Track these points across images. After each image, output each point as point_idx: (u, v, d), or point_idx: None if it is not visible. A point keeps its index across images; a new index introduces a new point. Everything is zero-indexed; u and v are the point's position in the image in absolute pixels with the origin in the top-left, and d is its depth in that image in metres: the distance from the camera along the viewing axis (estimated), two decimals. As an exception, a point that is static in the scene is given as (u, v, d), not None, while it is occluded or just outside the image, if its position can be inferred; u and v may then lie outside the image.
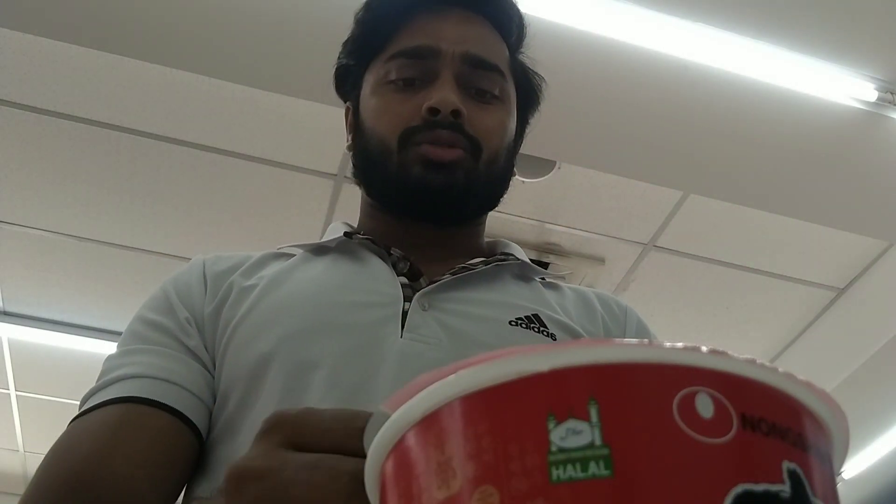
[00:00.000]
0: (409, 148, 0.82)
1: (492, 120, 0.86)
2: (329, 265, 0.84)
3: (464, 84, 0.85)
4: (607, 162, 2.32)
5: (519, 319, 0.77)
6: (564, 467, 0.23)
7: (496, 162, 0.87)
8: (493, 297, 0.81)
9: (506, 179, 0.92)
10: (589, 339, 0.77)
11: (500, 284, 0.84)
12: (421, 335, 0.73)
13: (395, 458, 0.28)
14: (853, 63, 2.05)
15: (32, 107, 2.34)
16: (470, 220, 0.91)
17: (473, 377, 0.26)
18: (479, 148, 0.84)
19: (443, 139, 0.81)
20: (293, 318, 0.74)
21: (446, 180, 0.81)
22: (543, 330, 0.77)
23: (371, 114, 0.87)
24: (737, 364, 0.25)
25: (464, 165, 0.82)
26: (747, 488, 0.23)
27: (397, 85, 0.85)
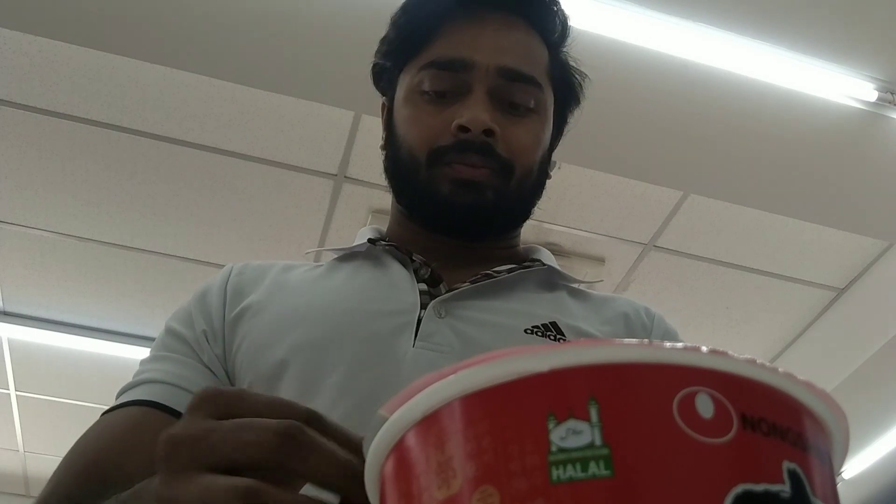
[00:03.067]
0: (439, 167, 0.81)
1: (526, 135, 0.84)
2: (350, 274, 0.84)
3: (498, 97, 0.83)
4: (607, 162, 2.32)
5: (535, 328, 0.76)
6: (564, 467, 0.23)
7: (529, 178, 0.85)
8: (512, 305, 0.80)
9: (539, 190, 0.90)
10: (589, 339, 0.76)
11: (521, 292, 0.83)
12: (434, 343, 0.73)
13: (396, 458, 0.28)
14: (853, 63, 2.05)
15: (32, 107, 2.34)
16: (500, 236, 0.90)
17: (473, 377, 0.26)
18: (511, 169, 0.82)
19: (472, 163, 0.80)
20: (308, 326, 0.75)
21: (475, 199, 0.80)
22: (560, 338, 0.76)
23: (402, 122, 0.86)
24: (737, 364, 0.25)
25: (493, 185, 0.81)
26: (747, 488, 0.23)
27: (430, 96, 0.84)
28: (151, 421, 0.70)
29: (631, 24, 1.96)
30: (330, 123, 2.31)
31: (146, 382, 0.74)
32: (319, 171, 2.47)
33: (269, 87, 2.12)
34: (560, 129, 0.97)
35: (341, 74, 2.03)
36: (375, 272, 0.83)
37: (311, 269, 0.87)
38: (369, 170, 2.48)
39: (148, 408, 0.71)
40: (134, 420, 0.70)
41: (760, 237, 2.67)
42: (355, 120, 2.30)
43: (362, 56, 2.08)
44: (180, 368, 0.75)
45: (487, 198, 0.80)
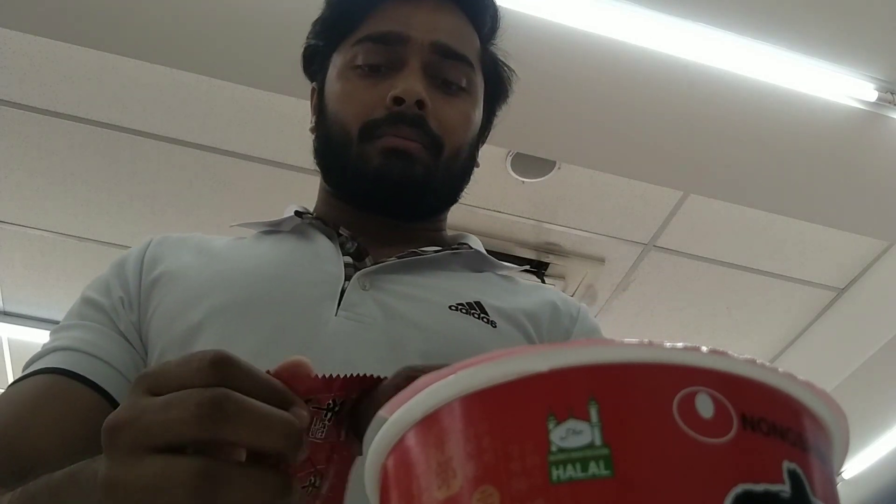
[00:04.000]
0: (371, 140, 0.80)
1: (456, 113, 0.85)
2: (274, 244, 0.83)
3: (431, 73, 0.84)
4: (607, 162, 2.32)
5: (460, 305, 0.76)
6: (564, 467, 0.23)
7: (458, 158, 0.85)
8: (436, 282, 0.79)
9: (467, 174, 0.90)
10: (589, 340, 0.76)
11: (447, 272, 0.83)
12: (356, 314, 0.72)
13: (396, 458, 0.28)
14: (853, 63, 2.05)
15: (32, 107, 2.34)
16: (427, 216, 0.89)
17: (473, 377, 0.26)
18: (441, 145, 0.82)
19: (404, 135, 0.80)
20: (227, 289, 0.74)
21: (405, 170, 0.80)
22: (484, 317, 0.76)
23: (334, 98, 0.85)
24: (737, 364, 0.25)
25: (423, 160, 0.81)
26: (747, 488, 0.23)
27: (363, 70, 0.84)
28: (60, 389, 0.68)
29: (631, 24, 1.96)
30: (330, 123, 2.31)
31: (55, 350, 0.73)
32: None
33: (269, 87, 2.11)
34: (489, 120, 0.97)
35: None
36: (300, 244, 0.83)
37: (235, 240, 0.87)
38: (369, 170, 2.48)
39: (57, 375, 0.69)
40: (41, 389, 0.68)
41: (760, 237, 2.67)
42: (355, 120, 2.30)
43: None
44: (92, 336, 0.73)
45: (416, 172, 0.80)
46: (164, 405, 0.38)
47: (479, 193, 2.55)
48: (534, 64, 2.02)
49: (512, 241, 2.72)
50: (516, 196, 2.55)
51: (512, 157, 2.41)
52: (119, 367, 0.71)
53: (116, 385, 0.70)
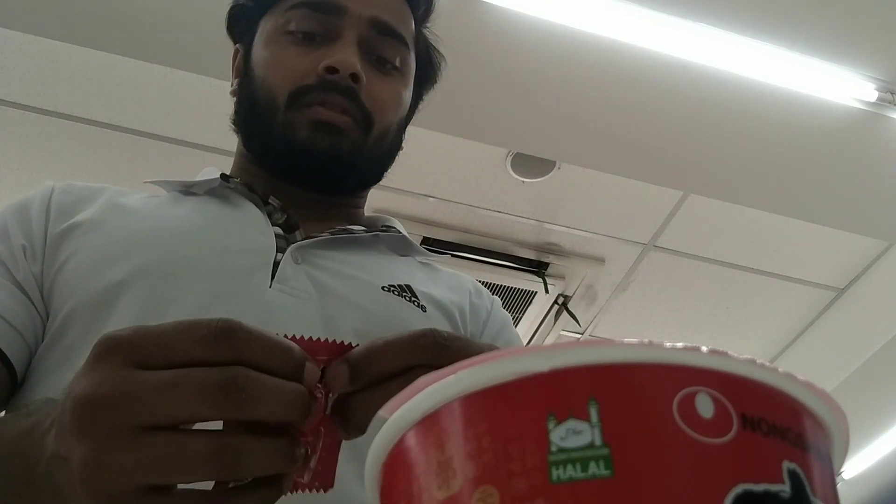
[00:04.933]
0: (299, 108, 0.78)
1: (388, 92, 0.83)
2: (198, 205, 0.80)
3: (366, 49, 0.82)
4: (607, 162, 2.32)
5: (392, 287, 0.75)
6: (564, 467, 0.23)
7: (386, 137, 0.84)
8: (368, 262, 0.78)
9: (393, 154, 0.89)
10: (589, 340, 0.76)
11: (377, 253, 0.82)
12: (291, 287, 0.70)
13: (396, 458, 0.28)
14: (853, 63, 2.05)
15: (32, 107, 2.34)
16: (350, 193, 0.87)
17: (473, 377, 0.26)
18: (371, 122, 0.81)
19: (336, 103, 0.78)
20: (154, 249, 0.70)
21: (332, 145, 0.78)
22: (415, 300, 0.75)
23: (263, 63, 0.83)
24: (737, 364, 0.25)
25: (352, 136, 0.79)
26: (747, 488, 0.23)
27: (296, 37, 0.82)
28: None
29: (631, 24, 1.96)
30: (330, 123, 2.31)
31: None
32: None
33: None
34: (416, 103, 0.96)
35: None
36: (226, 208, 0.79)
37: (151, 197, 0.82)
38: (369, 170, 2.48)
39: None
40: None
41: (760, 237, 2.67)
42: (355, 120, 2.30)
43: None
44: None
45: (345, 147, 0.79)
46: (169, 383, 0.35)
47: (478, 193, 2.55)
48: (534, 64, 2.02)
49: (512, 241, 2.71)
50: (516, 196, 2.55)
51: (512, 157, 2.41)
52: (14, 323, 0.66)
53: (11, 342, 0.65)
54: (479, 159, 2.43)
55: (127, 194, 0.81)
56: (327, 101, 0.78)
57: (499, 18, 1.95)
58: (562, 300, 2.88)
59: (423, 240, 2.66)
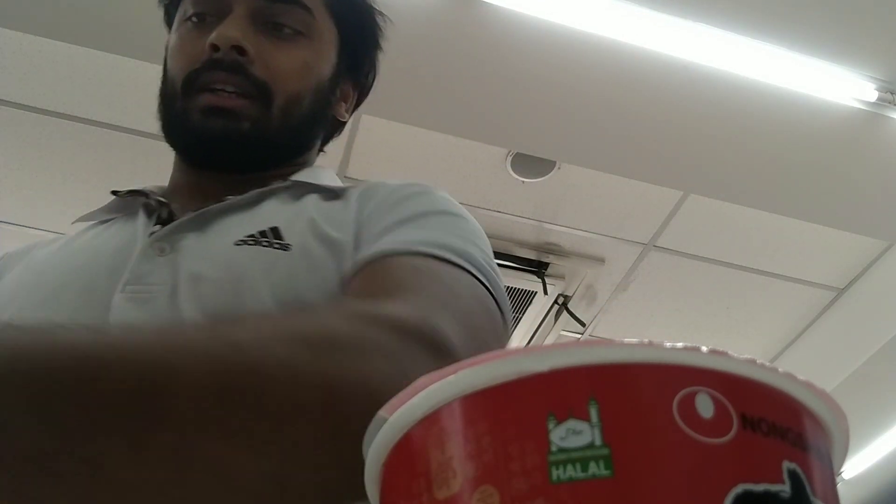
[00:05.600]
0: (192, 95, 0.77)
1: (288, 58, 0.80)
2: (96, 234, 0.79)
3: (260, 19, 0.80)
4: (607, 162, 2.32)
5: (249, 236, 0.70)
6: (564, 467, 0.23)
7: (296, 105, 0.81)
8: (232, 221, 0.74)
9: (314, 123, 0.86)
10: (589, 339, 0.75)
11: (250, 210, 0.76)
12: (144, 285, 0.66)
13: (396, 458, 0.28)
14: (853, 63, 2.05)
15: (32, 107, 2.34)
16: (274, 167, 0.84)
17: (473, 377, 0.26)
18: (269, 92, 0.78)
19: (221, 80, 0.76)
20: (33, 288, 0.70)
21: (226, 127, 0.76)
22: (276, 242, 0.70)
23: (169, 53, 0.83)
24: (737, 364, 0.25)
25: (249, 114, 0.77)
26: (747, 488, 0.23)
27: (192, 22, 0.81)
28: None
29: (631, 24, 1.96)
30: (330, 123, 2.31)
31: None
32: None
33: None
34: (358, 70, 0.92)
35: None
36: (123, 226, 0.78)
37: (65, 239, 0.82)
38: (369, 170, 2.48)
39: None
40: None
41: (760, 237, 2.67)
42: (355, 120, 2.30)
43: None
44: None
45: (242, 126, 0.76)
46: None
47: (479, 193, 2.55)
48: (534, 64, 2.02)
49: (512, 241, 2.72)
50: (516, 196, 2.55)
51: (512, 157, 2.41)
52: None
53: None
54: (479, 159, 2.43)
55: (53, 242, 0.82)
56: (215, 80, 0.77)
57: (499, 18, 1.95)
58: (562, 300, 2.88)
59: (423, 240, 2.66)
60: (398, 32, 2.17)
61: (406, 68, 2.03)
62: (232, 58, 0.77)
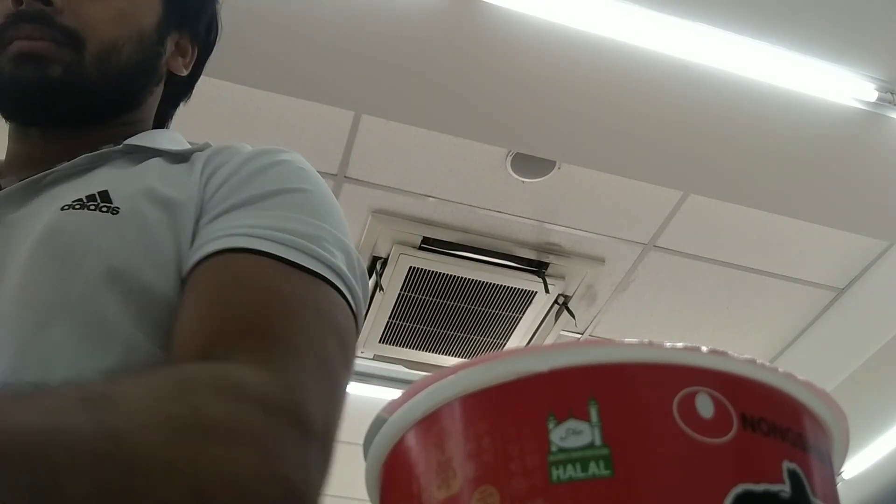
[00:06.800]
0: (2, 49, 0.75)
1: (100, 8, 0.78)
2: None
3: None
4: (607, 162, 2.32)
5: (76, 201, 0.67)
6: (564, 467, 0.23)
7: (113, 53, 0.78)
8: (59, 190, 0.71)
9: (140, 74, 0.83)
10: (589, 340, 0.75)
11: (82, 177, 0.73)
12: None
13: (395, 459, 0.28)
14: (853, 63, 2.05)
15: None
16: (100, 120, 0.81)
17: (473, 377, 0.26)
18: (80, 40, 0.76)
19: (27, 33, 0.74)
20: None
21: (36, 73, 0.74)
22: (104, 206, 0.67)
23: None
24: (737, 364, 0.25)
25: (59, 58, 0.75)
26: (747, 488, 0.23)
27: None
28: None
29: (631, 24, 1.96)
30: (330, 123, 2.31)
31: None
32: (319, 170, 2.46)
33: (269, 87, 2.12)
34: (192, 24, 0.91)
35: (341, 74, 2.03)
36: None
37: None
38: (369, 170, 2.48)
39: None
40: None
41: (760, 237, 2.67)
42: (355, 120, 2.30)
43: (362, 56, 2.09)
44: None
45: (52, 72, 0.74)
46: None
47: (479, 193, 2.55)
48: (534, 64, 2.02)
49: (512, 241, 2.72)
50: (516, 196, 2.55)
51: (512, 157, 2.41)
52: None
53: None
54: (479, 159, 2.43)
55: None
56: (20, 33, 0.75)
57: (499, 18, 1.95)
58: (562, 300, 2.88)
59: (423, 240, 2.66)
60: (398, 32, 2.18)
61: (406, 68, 2.03)
62: (35, 9, 0.75)
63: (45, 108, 0.78)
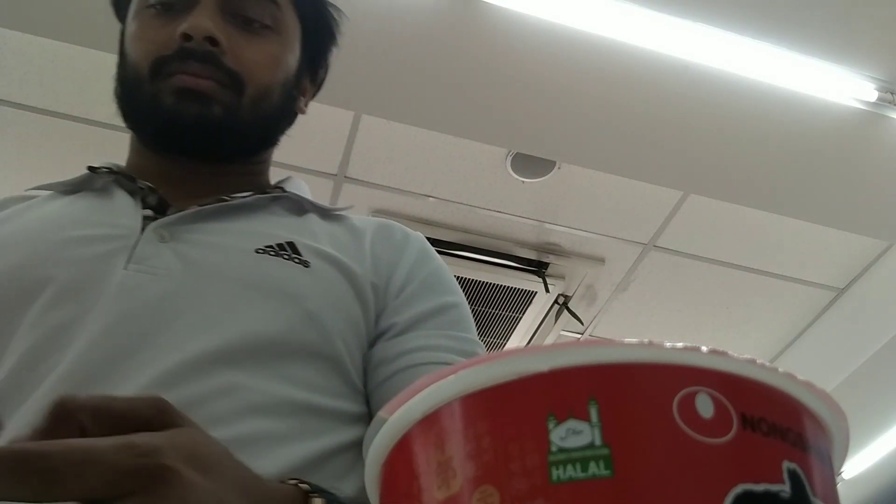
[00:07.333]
0: (162, 78, 0.77)
1: (259, 52, 0.81)
2: (66, 203, 0.79)
3: (230, 12, 0.80)
4: (607, 162, 2.32)
5: (269, 247, 0.72)
6: (564, 467, 0.23)
7: (266, 98, 0.81)
8: (245, 227, 0.75)
9: (282, 117, 0.87)
10: (589, 340, 0.76)
11: (261, 216, 0.78)
12: (149, 266, 0.67)
13: (396, 458, 0.28)
14: (853, 63, 2.05)
15: (32, 107, 2.34)
16: (242, 158, 0.85)
17: (473, 377, 0.26)
18: (241, 82, 0.78)
19: (194, 70, 0.76)
20: (10, 255, 0.69)
21: (200, 111, 0.76)
22: (295, 257, 0.72)
23: (129, 40, 0.83)
24: (737, 364, 0.25)
25: (220, 98, 0.77)
26: (747, 488, 0.23)
27: (156, 9, 0.81)
28: None
29: (631, 24, 1.96)
30: (330, 123, 2.31)
31: None
32: (319, 171, 2.47)
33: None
34: (315, 65, 0.93)
35: (341, 74, 2.02)
36: (95, 200, 0.78)
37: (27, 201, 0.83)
38: (369, 170, 2.48)
39: None
40: None
41: (760, 237, 2.68)
42: (355, 120, 2.30)
43: (362, 56, 2.09)
44: None
45: (214, 111, 0.77)
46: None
47: (479, 193, 2.55)
48: (534, 64, 2.02)
49: (512, 241, 2.72)
50: (516, 196, 2.55)
51: (512, 157, 2.41)
52: None
53: None
54: (479, 159, 2.43)
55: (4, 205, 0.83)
56: (186, 69, 0.76)
57: (499, 18, 1.95)
58: (562, 300, 2.88)
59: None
60: (399, 32, 2.18)
61: (406, 68, 2.03)
62: (205, 48, 0.77)
63: (198, 144, 0.80)
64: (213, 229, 0.74)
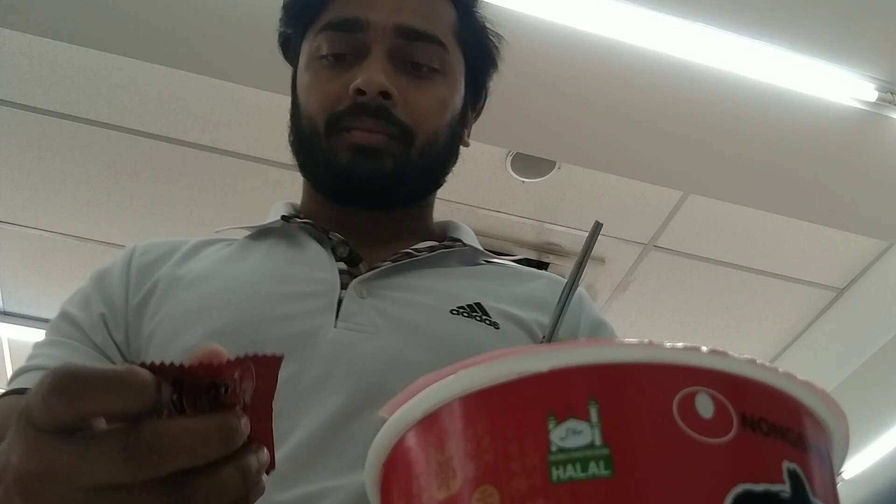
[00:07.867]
0: (338, 133, 0.78)
1: (428, 98, 0.81)
2: (265, 253, 0.81)
3: (398, 58, 0.80)
4: (607, 162, 2.32)
5: (461, 308, 0.74)
6: (564, 467, 0.23)
7: (434, 144, 0.82)
8: (435, 284, 0.78)
9: (450, 156, 0.88)
10: (589, 340, 0.76)
11: (444, 271, 0.81)
12: (356, 323, 0.70)
13: (396, 459, 0.28)
14: (853, 63, 2.05)
15: (32, 107, 2.34)
16: (411, 203, 0.87)
17: (473, 377, 0.26)
18: (411, 135, 0.79)
19: (368, 127, 0.77)
20: (223, 311, 0.71)
21: (373, 167, 0.78)
22: (486, 319, 0.75)
23: (303, 90, 0.83)
24: (737, 364, 0.25)
25: (392, 152, 0.78)
26: (747, 488, 0.23)
27: (328, 60, 0.81)
28: None
29: (631, 24, 1.96)
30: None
31: (35, 369, 0.71)
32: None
33: (268, 87, 2.11)
34: (477, 94, 0.94)
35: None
36: (291, 251, 0.80)
37: (223, 247, 0.84)
38: (369, 170, 2.48)
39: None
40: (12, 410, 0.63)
41: (760, 237, 2.67)
42: (355, 120, 2.30)
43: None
44: (72, 354, 0.71)
45: (387, 165, 0.78)
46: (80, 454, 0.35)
47: (479, 193, 2.55)
48: (534, 64, 2.02)
49: (512, 241, 2.71)
50: (516, 196, 2.55)
51: (512, 157, 2.41)
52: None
53: None
54: (479, 159, 2.43)
55: (200, 248, 0.84)
56: (359, 125, 0.78)
57: (499, 18, 1.95)
58: (562, 300, 2.87)
59: (423, 240, 2.66)
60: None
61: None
62: (378, 103, 0.77)
63: (372, 196, 0.81)
64: (403, 285, 0.76)
